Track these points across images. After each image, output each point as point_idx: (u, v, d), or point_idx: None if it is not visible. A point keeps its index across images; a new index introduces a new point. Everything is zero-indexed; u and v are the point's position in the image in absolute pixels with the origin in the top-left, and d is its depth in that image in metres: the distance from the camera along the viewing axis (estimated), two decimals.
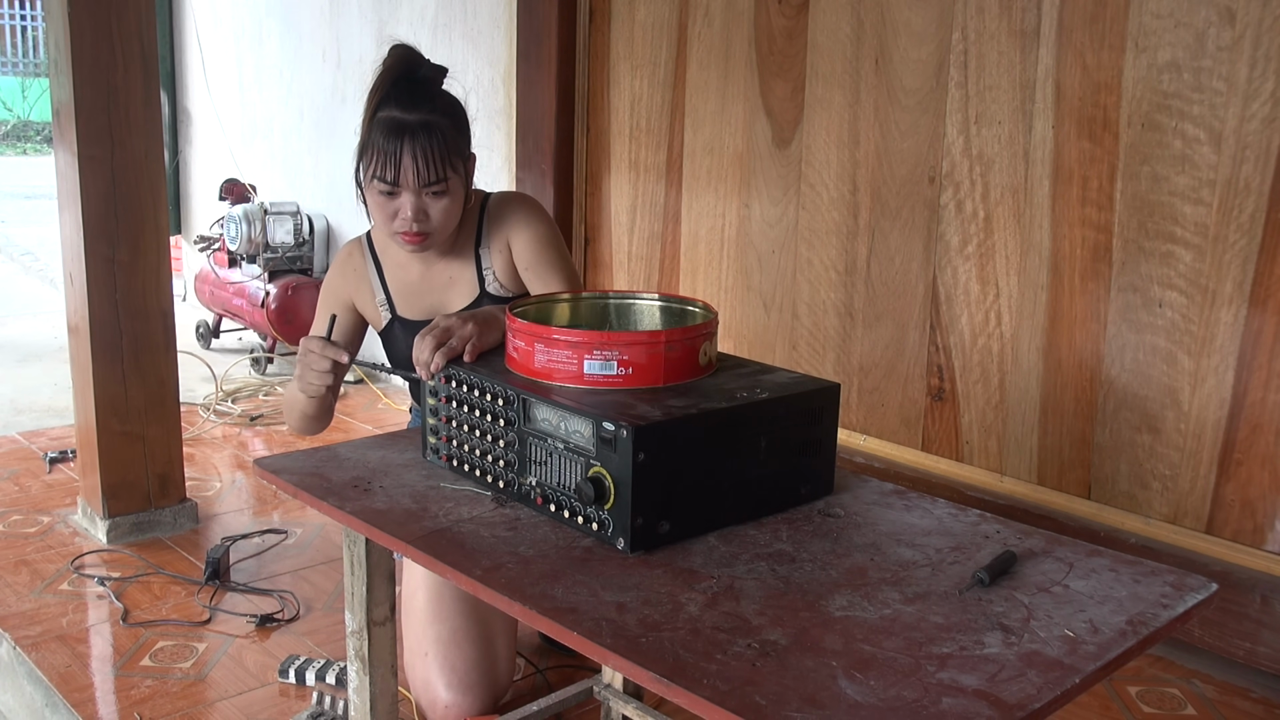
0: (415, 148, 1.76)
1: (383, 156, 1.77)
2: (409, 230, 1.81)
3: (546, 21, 3.33)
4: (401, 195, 1.79)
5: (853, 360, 2.79)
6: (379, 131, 1.78)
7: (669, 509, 1.25)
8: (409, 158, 1.76)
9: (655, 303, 1.60)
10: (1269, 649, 2.11)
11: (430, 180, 1.78)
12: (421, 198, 1.80)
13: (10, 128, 13.32)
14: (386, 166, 1.77)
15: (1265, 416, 2.11)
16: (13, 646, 2.23)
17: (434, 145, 1.77)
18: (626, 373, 1.35)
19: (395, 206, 1.81)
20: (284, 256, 4.49)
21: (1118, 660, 1.05)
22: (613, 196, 3.38)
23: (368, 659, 1.52)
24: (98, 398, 2.67)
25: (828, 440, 1.41)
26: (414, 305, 2.00)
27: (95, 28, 2.54)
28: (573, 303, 1.63)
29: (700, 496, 1.28)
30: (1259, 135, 2.05)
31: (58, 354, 4.62)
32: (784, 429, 1.35)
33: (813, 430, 1.39)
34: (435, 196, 1.81)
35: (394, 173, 1.77)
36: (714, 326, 1.46)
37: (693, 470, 1.27)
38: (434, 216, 1.82)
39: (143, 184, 2.66)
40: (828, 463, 1.42)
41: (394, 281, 2.00)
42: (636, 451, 1.20)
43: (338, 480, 1.45)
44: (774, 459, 1.35)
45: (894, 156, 2.63)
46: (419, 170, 1.76)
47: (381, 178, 1.78)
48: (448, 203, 1.82)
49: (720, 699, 0.93)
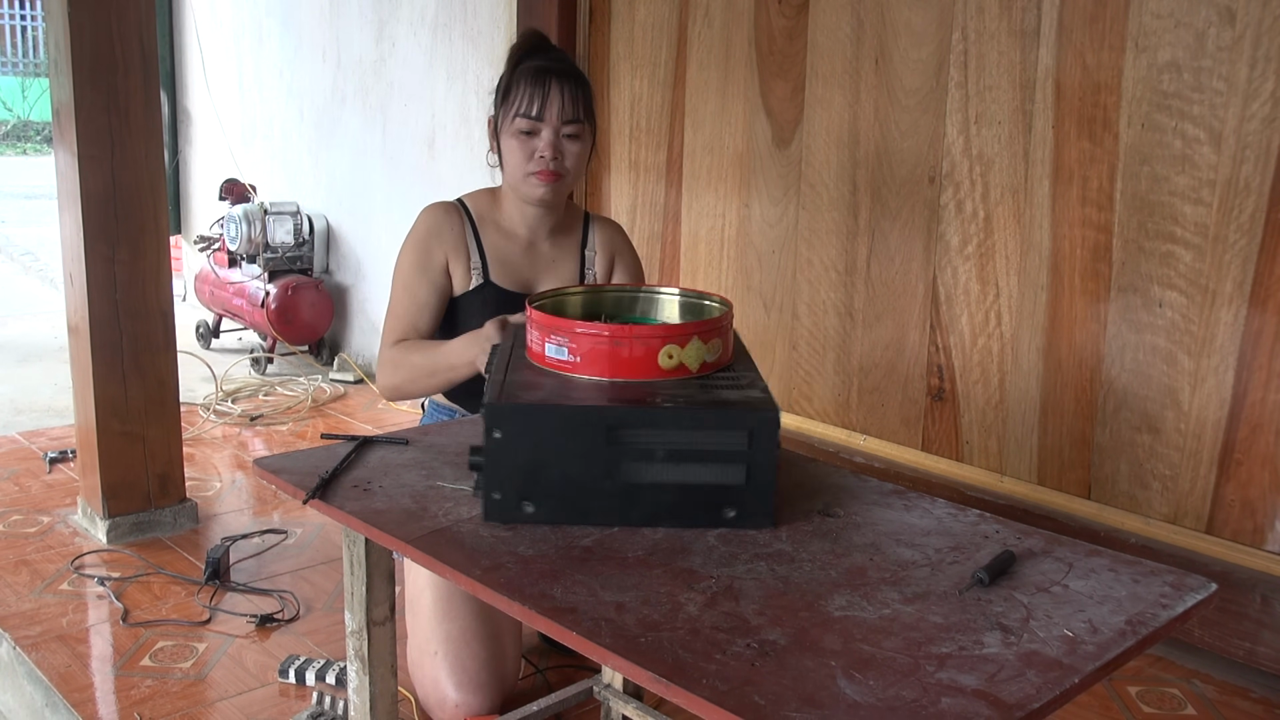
0: (562, 85, 1.92)
1: (529, 92, 1.92)
2: (546, 168, 1.93)
3: (546, 21, 3.33)
4: (542, 133, 1.93)
5: (853, 360, 2.79)
6: (525, 75, 1.93)
7: (531, 491, 1.29)
8: (556, 92, 1.91)
9: (677, 298, 1.65)
10: (1269, 649, 2.11)
11: (572, 117, 1.93)
12: (559, 137, 1.93)
13: (10, 128, 13.32)
14: (533, 101, 1.91)
15: (1265, 416, 2.11)
16: (13, 646, 2.23)
17: (579, 87, 1.94)
18: (575, 360, 1.40)
19: (533, 146, 1.93)
20: (284, 256, 4.49)
21: (1117, 660, 1.05)
22: (613, 196, 3.38)
23: (367, 659, 1.52)
24: (98, 398, 2.67)
25: (758, 469, 1.30)
26: (509, 275, 2.05)
27: (95, 28, 2.54)
28: (605, 294, 1.69)
29: (573, 488, 1.29)
30: (1259, 135, 2.05)
31: (58, 354, 4.62)
32: (691, 445, 1.29)
33: (734, 456, 1.30)
34: (571, 140, 1.95)
35: (540, 105, 1.91)
36: (680, 332, 1.41)
37: (558, 459, 1.29)
38: (568, 159, 1.95)
39: (143, 184, 2.66)
40: (760, 491, 1.31)
41: (492, 248, 2.05)
42: (490, 429, 1.28)
43: (338, 480, 1.45)
44: (677, 472, 1.30)
45: (894, 156, 2.63)
46: (564, 105, 1.92)
47: (526, 113, 1.92)
48: (580, 149, 1.96)
49: (719, 699, 0.93)
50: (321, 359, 4.57)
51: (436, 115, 3.94)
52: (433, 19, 3.91)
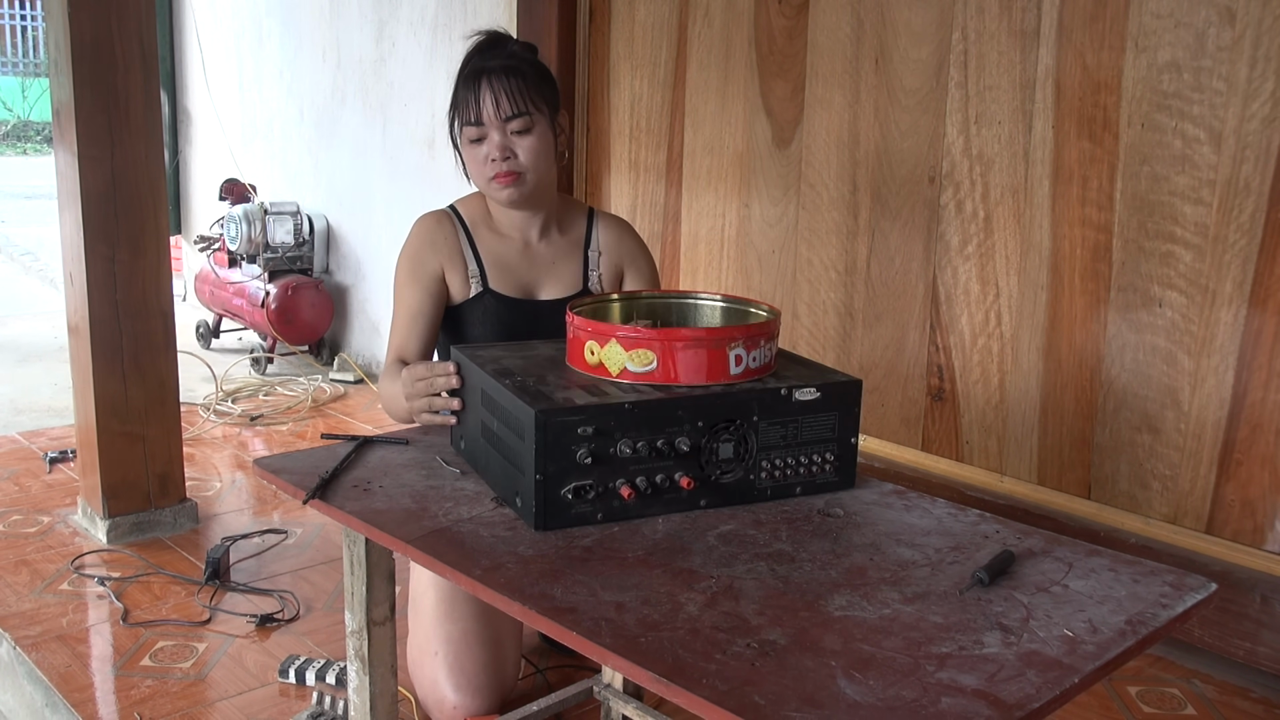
0: (493, 83, 1.83)
1: (465, 98, 1.84)
2: (501, 170, 1.85)
3: (546, 21, 3.33)
4: (489, 136, 1.84)
5: (853, 360, 2.79)
6: (461, 81, 1.86)
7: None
8: (488, 92, 1.82)
9: (719, 304, 1.63)
10: (1269, 649, 2.11)
11: (511, 113, 1.82)
12: (506, 135, 1.84)
13: (10, 128, 13.32)
14: (469, 106, 1.84)
15: (1265, 416, 2.11)
16: (13, 646, 2.23)
17: (512, 81, 1.83)
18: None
19: (485, 151, 1.86)
20: (284, 256, 4.49)
21: (1117, 660, 1.05)
22: (613, 196, 3.38)
23: (367, 659, 1.52)
24: (98, 398, 2.67)
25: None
26: (509, 280, 1.96)
27: (95, 28, 2.54)
28: (638, 302, 1.68)
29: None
30: (1259, 135, 2.05)
31: (58, 354, 4.62)
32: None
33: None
34: (520, 135, 1.85)
35: (476, 109, 1.83)
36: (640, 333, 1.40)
37: None
38: (522, 155, 1.85)
39: (143, 184, 2.66)
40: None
41: (489, 254, 1.97)
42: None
43: (338, 480, 1.45)
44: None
45: (894, 156, 2.63)
46: (498, 102, 1.82)
47: (465, 119, 1.84)
48: (533, 141, 1.85)
49: (719, 699, 0.93)
50: (321, 359, 4.57)
51: (436, 115, 3.94)
52: (433, 19, 3.91)
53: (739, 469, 1.38)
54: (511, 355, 1.54)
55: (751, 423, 1.37)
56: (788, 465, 1.41)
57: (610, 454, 1.31)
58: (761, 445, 1.39)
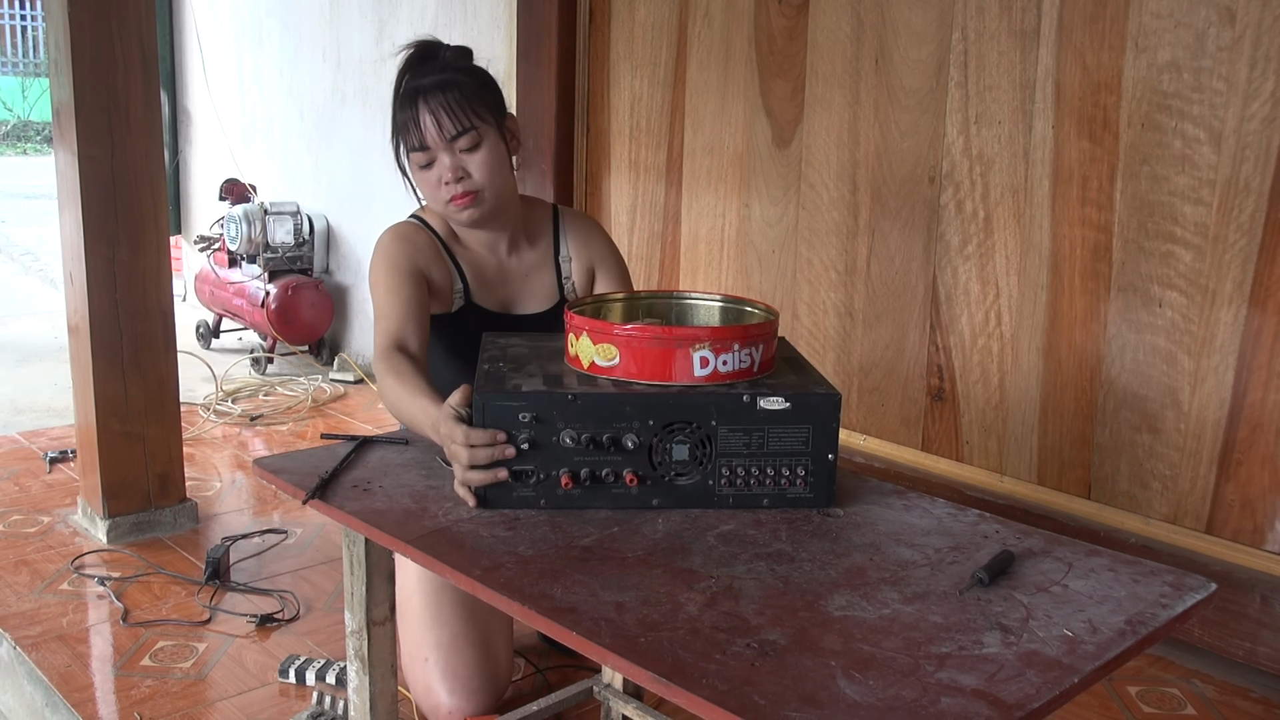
0: (430, 101, 1.74)
1: (404, 121, 1.76)
2: (456, 193, 1.76)
3: (546, 21, 3.33)
4: (437, 159, 1.76)
5: (853, 360, 2.79)
6: (399, 104, 1.77)
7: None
8: (427, 114, 1.74)
9: (716, 303, 1.63)
10: (1269, 649, 2.11)
11: (455, 131, 1.74)
12: (456, 155, 1.76)
13: (10, 128, 13.32)
14: (410, 131, 1.75)
15: (1265, 416, 2.11)
16: (13, 646, 2.23)
17: (451, 98, 1.74)
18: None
19: (436, 174, 1.77)
20: (284, 256, 4.49)
21: (1117, 660, 1.05)
22: (613, 196, 3.38)
23: (367, 659, 1.52)
24: (98, 398, 2.67)
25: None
26: (489, 295, 1.91)
27: (95, 28, 2.54)
28: (639, 301, 1.68)
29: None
30: (1259, 135, 2.05)
31: (58, 354, 4.62)
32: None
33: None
34: (469, 152, 1.77)
35: (418, 134, 1.74)
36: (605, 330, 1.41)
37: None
38: (475, 173, 1.77)
39: (143, 184, 2.66)
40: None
41: (469, 265, 1.90)
42: None
43: (337, 480, 1.45)
44: None
45: (894, 156, 2.63)
46: (440, 122, 1.74)
47: (410, 145, 1.76)
48: (485, 156, 1.78)
49: (719, 699, 0.93)
50: (321, 359, 4.57)
51: None
52: (433, 19, 3.92)
53: (696, 472, 1.36)
54: (527, 344, 1.59)
55: (710, 427, 1.35)
56: (751, 475, 1.37)
57: (553, 442, 1.34)
58: (722, 451, 1.36)
